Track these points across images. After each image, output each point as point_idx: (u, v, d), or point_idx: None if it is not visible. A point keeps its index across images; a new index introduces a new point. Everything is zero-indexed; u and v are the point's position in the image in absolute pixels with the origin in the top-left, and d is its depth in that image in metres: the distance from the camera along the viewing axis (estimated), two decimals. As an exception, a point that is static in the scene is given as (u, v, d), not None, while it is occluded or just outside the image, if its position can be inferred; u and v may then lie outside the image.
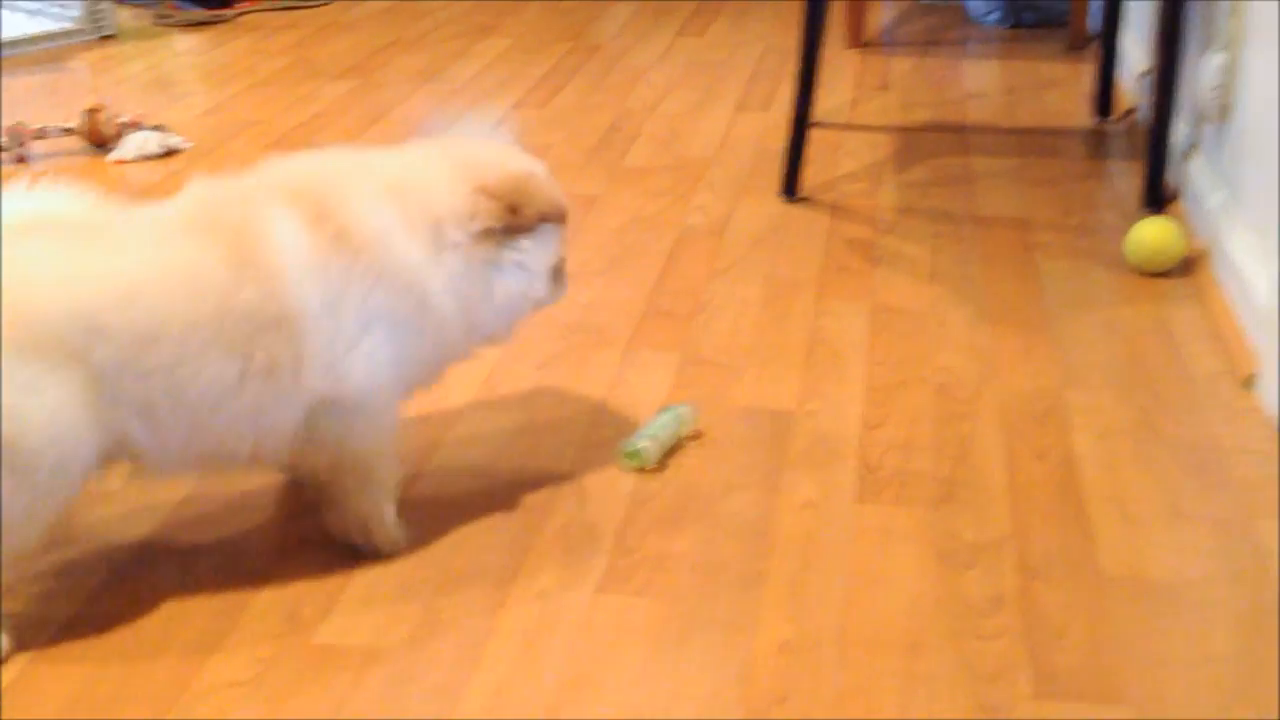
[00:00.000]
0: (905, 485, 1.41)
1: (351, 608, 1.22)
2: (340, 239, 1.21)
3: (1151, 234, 1.88)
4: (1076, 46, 3.04)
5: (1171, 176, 2.12)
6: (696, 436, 1.50)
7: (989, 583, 1.25)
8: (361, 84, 2.91)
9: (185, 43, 3.34)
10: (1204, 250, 1.90)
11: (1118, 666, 1.14)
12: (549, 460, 1.46)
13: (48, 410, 1.11)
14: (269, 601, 1.23)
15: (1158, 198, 2.04)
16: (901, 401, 1.58)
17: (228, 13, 3.53)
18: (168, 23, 3.47)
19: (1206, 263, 1.87)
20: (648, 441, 1.44)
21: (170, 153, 2.45)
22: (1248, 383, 1.58)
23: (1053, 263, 1.94)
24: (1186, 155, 2.09)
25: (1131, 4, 2.67)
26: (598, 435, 1.50)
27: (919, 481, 1.41)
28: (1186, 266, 1.89)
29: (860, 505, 1.38)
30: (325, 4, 3.66)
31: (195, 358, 1.15)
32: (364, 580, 1.26)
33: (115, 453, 1.17)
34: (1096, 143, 2.47)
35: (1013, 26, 3.28)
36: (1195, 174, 2.02)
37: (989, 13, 3.30)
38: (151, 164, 2.41)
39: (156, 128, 2.49)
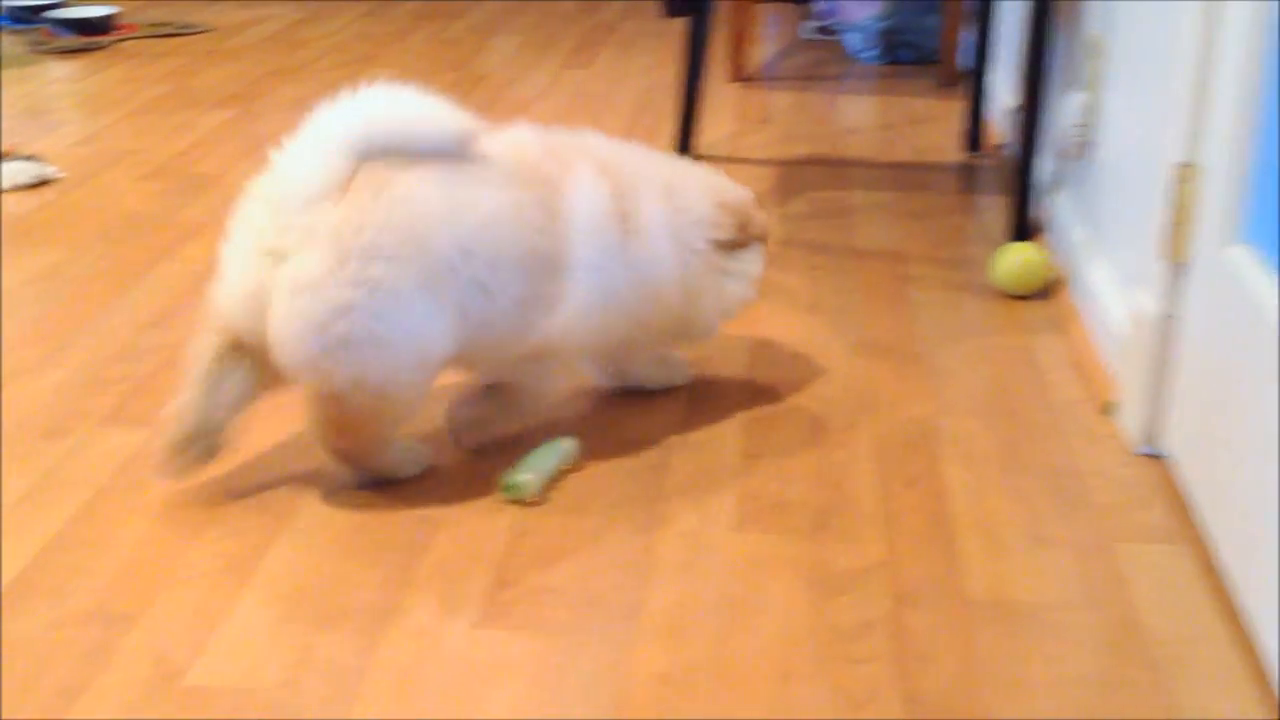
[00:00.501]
0: (782, 514, 1.43)
1: (223, 648, 1.21)
2: (624, 219, 1.47)
3: (1016, 257, 1.96)
4: (949, 83, 3.14)
5: (1037, 210, 2.20)
6: (578, 469, 1.51)
7: (860, 609, 1.28)
8: (241, 113, 2.88)
9: (61, 70, 3.27)
10: (1066, 282, 1.97)
11: (983, 689, 1.17)
12: (428, 495, 1.46)
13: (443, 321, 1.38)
14: (137, 644, 1.21)
15: (1024, 231, 2.11)
16: (780, 431, 1.61)
17: (105, 40, 3.48)
18: (43, 50, 3.40)
19: (1068, 294, 1.94)
20: (529, 474, 1.45)
21: (43, 183, 2.40)
22: (1107, 409, 1.64)
23: (926, 294, 1.99)
24: (1051, 190, 2.17)
25: (1000, 43, 2.76)
26: (479, 469, 1.51)
27: (795, 510, 1.44)
28: (1051, 298, 1.96)
29: (738, 534, 1.40)
30: (205, 32, 3.62)
31: (510, 282, 1.40)
32: (236, 620, 1.25)
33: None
34: (968, 177, 2.54)
35: (889, 63, 3.37)
36: (1059, 208, 2.10)
37: (865, 50, 3.39)
38: (24, 194, 2.36)
39: (29, 157, 2.44)
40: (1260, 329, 1.22)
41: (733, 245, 1.57)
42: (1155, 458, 1.53)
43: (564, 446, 1.50)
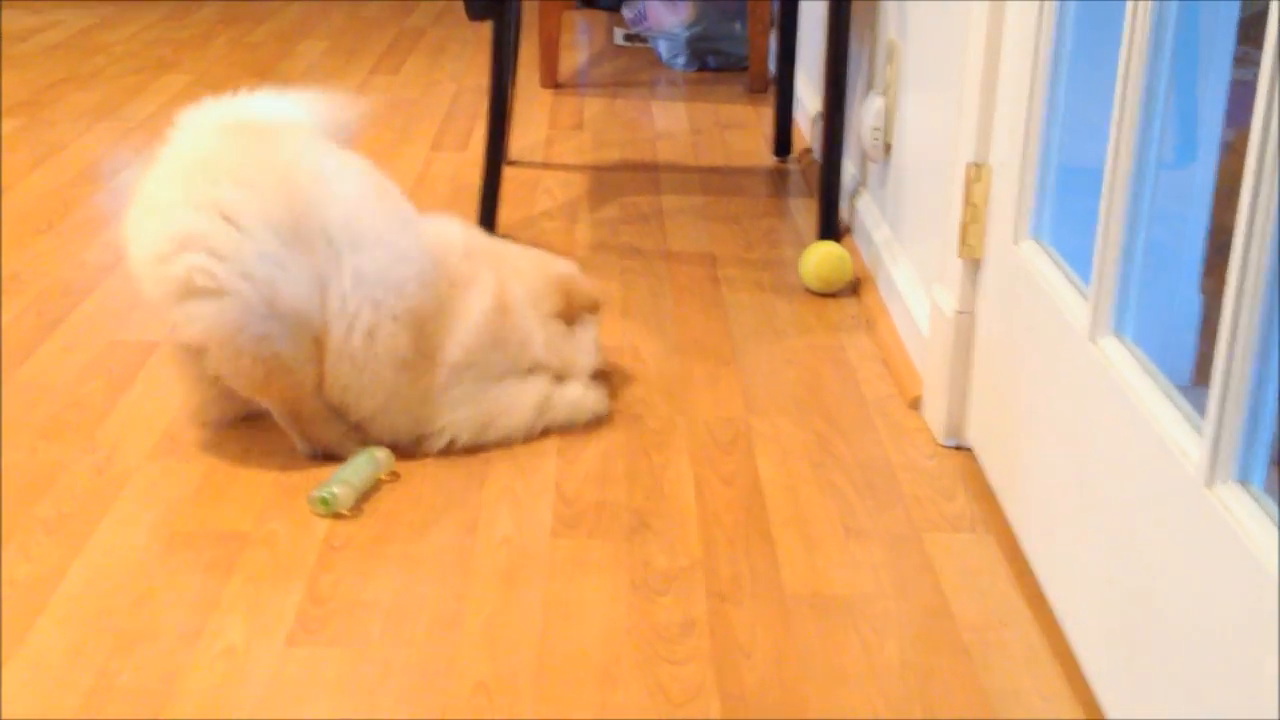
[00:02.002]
0: (600, 518, 1.43)
1: (18, 676, 1.15)
2: (503, 310, 1.56)
3: (821, 255, 2.00)
4: (758, 89, 3.19)
5: (844, 212, 2.25)
6: (394, 478, 1.48)
7: (680, 608, 1.28)
8: (30, 121, 2.75)
9: None
10: (872, 281, 2.02)
11: (800, 682, 1.19)
12: (236, 511, 1.41)
13: None
14: (-78, 679, 1.14)
15: (833, 232, 2.16)
16: (596, 435, 1.60)
17: (-123, 44, 3.28)
18: None
19: (875, 293, 1.99)
20: (340, 486, 1.41)
21: None
22: (914, 404, 1.68)
23: (737, 295, 2.02)
24: (855, 193, 2.23)
25: (805, 48, 2.82)
26: (290, 482, 1.46)
27: (614, 513, 1.44)
28: (859, 296, 2.01)
29: (556, 540, 1.39)
30: (-10, 36, 3.45)
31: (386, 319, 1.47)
32: (31, 647, 1.18)
33: None
34: (777, 181, 2.59)
35: (699, 70, 3.41)
36: (863, 210, 2.15)
37: (675, 56, 3.42)
38: None
39: None
40: (1047, 321, 1.27)
41: (565, 317, 1.63)
42: (960, 449, 1.58)
43: (378, 456, 1.47)
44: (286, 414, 1.49)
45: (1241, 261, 0.87)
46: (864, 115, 2.09)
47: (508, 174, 2.50)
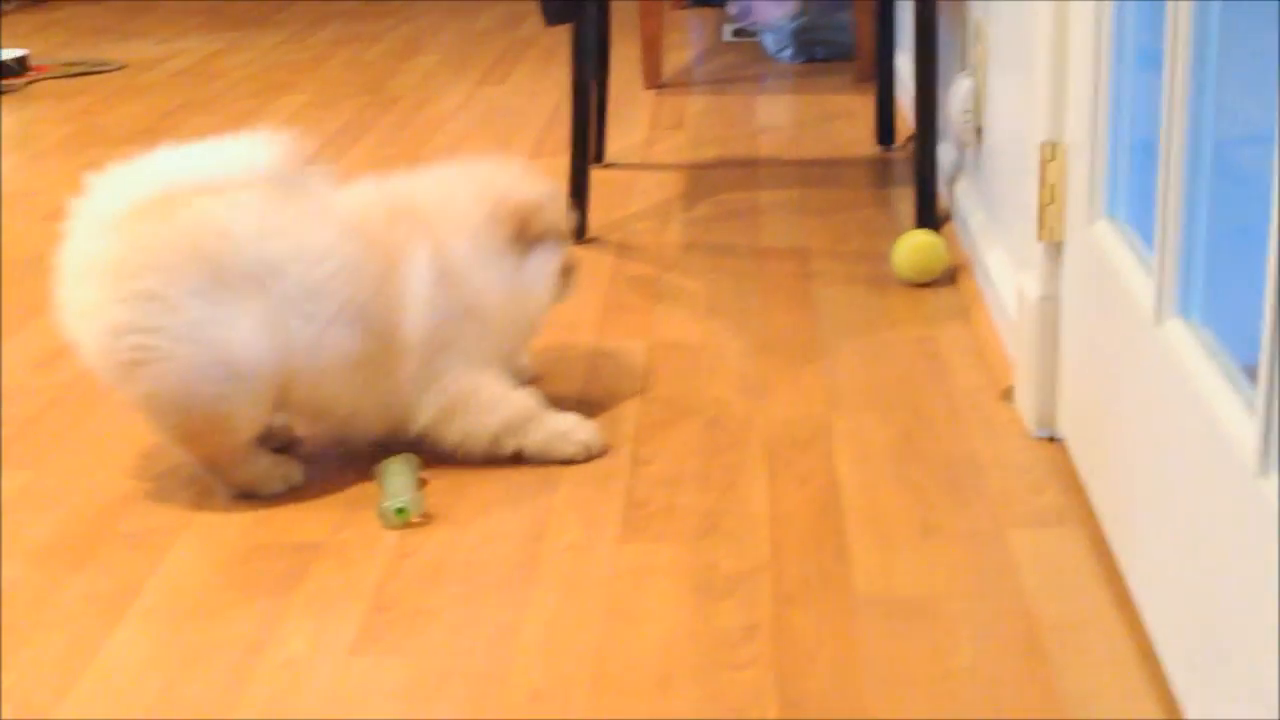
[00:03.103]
0: (669, 521, 1.41)
1: (88, 689, 1.18)
2: (450, 278, 1.49)
3: (913, 244, 1.95)
4: (865, 78, 3.13)
5: (944, 199, 2.19)
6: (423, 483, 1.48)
7: (743, 612, 1.26)
8: (150, 147, 2.83)
9: (-31, 115, 3.23)
10: (969, 269, 1.96)
11: (864, 687, 1.15)
12: (311, 522, 1.43)
13: None
14: (9, 680, 1.18)
15: (931, 220, 2.10)
16: (672, 437, 1.58)
17: (17, 83, 3.44)
18: (-49, 95, 3.36)
19: (971, 281, 1.93)
20: (408, 494, 1.42)
21: (-62, 229, 2.36)
22: (1006, 395, 1.62)
23: (827, 289, 1.98)
24: (954, 178, 2.16)
25: (906, 33, 2.76)
26: (366, 492, 1.48)
27: (682, 516, 1.42)
28: (956, 285, 1.95)
29: (622, 545, 1.38)
30: (118, 69, 3.59)
31: (338, 326, 1.45)
32: (103, 660, 1.22)
33: None
34: (880, 170, 2.54)
35: (806, 61, 3.37)
36: (960, 195, 2.09)
37: (782, 49, 3.38)
38: (-82, 242, 2.32)
39: (-76, 204, 2.40)
40: (1125, 303, 1.21)
41: (519, 246, 1.53)
42: (1052, 440, 1.52)
43: (410, 458, 1.48)
44: (207, 463, 1.46)
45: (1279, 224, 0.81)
46: (954, 98, 2.02)
47: (603, 176, 2.50)
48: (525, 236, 1.54)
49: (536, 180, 1.61)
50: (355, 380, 1.47)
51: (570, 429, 1.53)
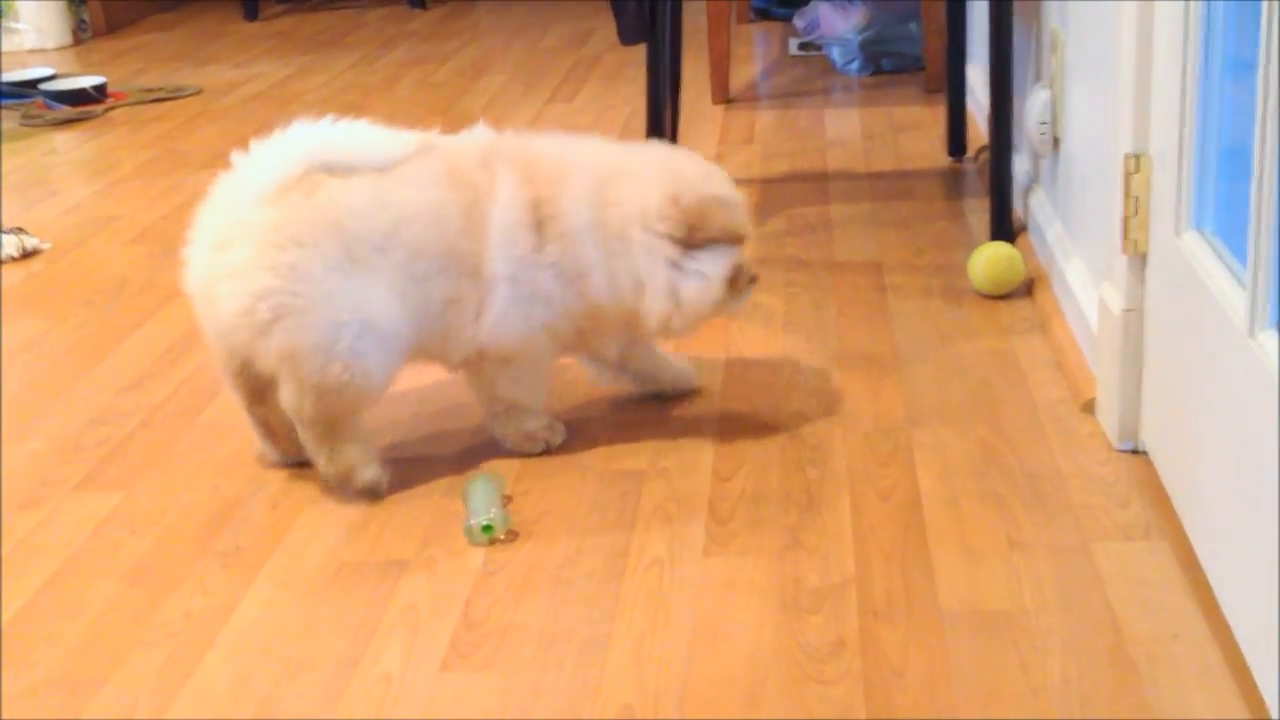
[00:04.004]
0: (753, 535, 1.42)
1: (187, 707, 1.21)
2: (540, 227, 1.53)
3: (989, 256, 1.94)
4: (934, 89, 3.11)
5: (1018, 210, 2.18)
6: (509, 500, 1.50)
7: (830, 627, 1.26)
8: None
9: (53, 142, 3.31)
10: (1046, 281, 1.95)
11: (953, 702, 1.15)
12: (399, 540, 1.45)
13: None
14: (101, 708, 1.21)
15: (1006, 232, 2.09)
16: (752, 452, 1.59)
17: (97, 109, 3.51)
18: (35, 123, 3.44)
19: (1049, 293, 1.92)
20: (495, 510, 1.44)
21: (29, 254, 2.42)
22: (1088, 408, 1.61)
23: (903, 303, 1.97)
24: (1029, 189, 2.15)
25: (976, 44, 2.75)
26: (452, 509, 1.50)
27: (766, 530, 1.42)
28: (1033, 297, 1.94)
29: (708, 559, 1.38)
30: (195, 94, 3.66)
31: (435, 277, 1.51)
32: (201, 677, 1.24)
33: None
34: (951, 182, 2.52)
35: (873, 73, 3.36)
36: (1036, 207, 2.08)
37: (849, 62, 3.38)
38: (10, 267, 2.38)
39: (14, 230, 2.46)
40: (1214, 315, 1.20)
41: (685, 242, 1.52)
42: (1136, 454, 1.51)
43: (494, 476, 1.50)
44: (323, 430, 1.51)
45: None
46: (1030, 108, 2.01)
47: (675, 193, 2.50)
48: (695, 235, 1.52)
49: (724, 181, 1.60)
50: (445, 319, 1.53)
51: (537, 430, 1.62)
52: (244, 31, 4.57)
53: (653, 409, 1.71)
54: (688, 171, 1.58)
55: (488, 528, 1.42)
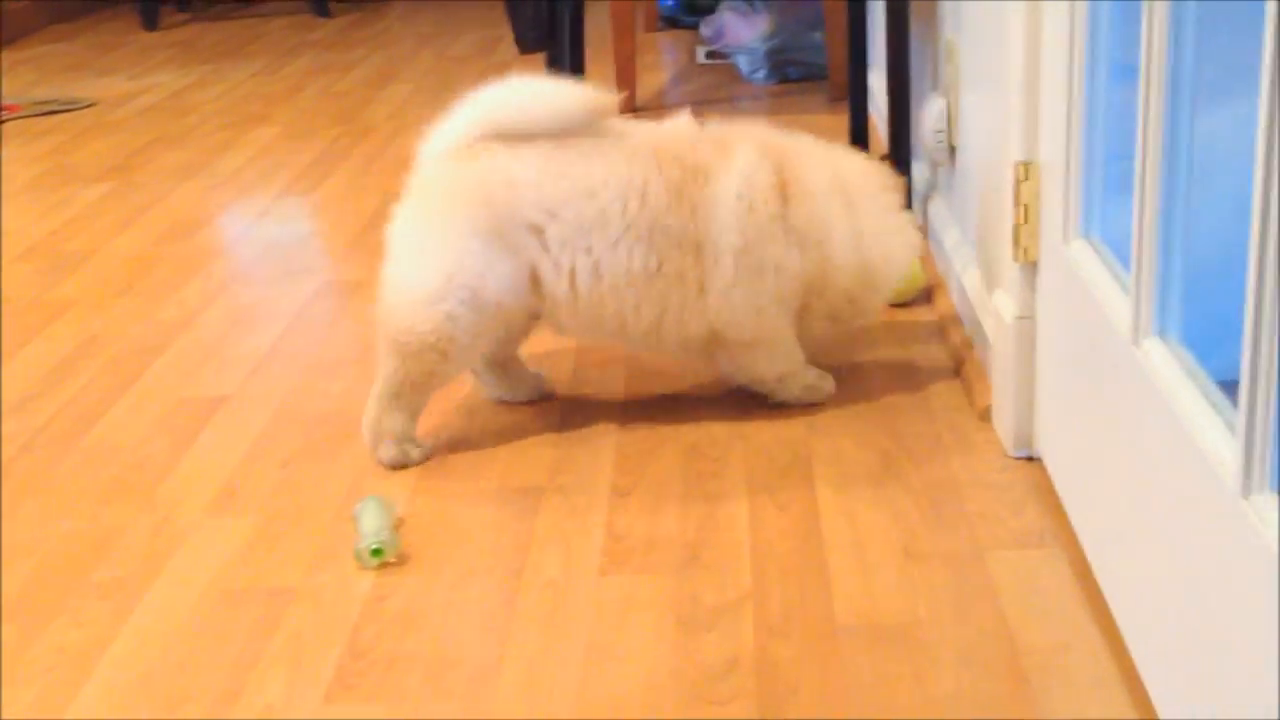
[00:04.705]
0: (650, 552, 1.40)
1: (59, 747, 1.16)
2: (783, 188, 1.59)
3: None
4: (838, 98, 3.12)
5: (918, 218, 2.18)
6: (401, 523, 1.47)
7: (726, 645, 1.24)
8: (120, 184, 2.83)
9: (-61, 156, 3.21)
10: (944, 288, 1.95)
11: (847, 717, 1.13)
12: (284, 566, 1.41)
13: None
14: None
15: (906, 240, 2.09)
16: (652, 464, 1.57)
17: (-12, 121, 3.41)
18: (-79, 136, 3.33)
19: (947, 300, 1.92)
20: (387, 534, 1.40)
21: (-92, 273, 2.34)
22: (985, 415, 1.61)
23: (805, 312, 1.96)
24: (928, 198, 2.16)
25: (878, 52, 2.75)
26: (342, 532, 1.46)
27: (664, 547, 1.40)
28: (931, 305, 1.94)
29: (604, 578, 1.36)
30: (90, 106, 3.57)
31: (620, 250, 1.56)
32: (74, 715, 1.19)
33: None
34: (854, 189, 2.52)
35: (780, 82, 3.36)
36: (934, 215, 2.08)
37: (756, 70, 3.38)
38: (-113, 287, 2.29)
39: (-109, 249, 2.38)
40: (1101, 323, 1.20)
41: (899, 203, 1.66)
42: (1031, 461, 1.51)
43: (384, 499, 1.46)
44: (395, 387, 1.58)
45: (1259, 249, 0.80)
46: (926, 117, 2.02)
47: (578, 203, 2.48)
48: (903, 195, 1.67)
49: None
50: (653, 291, 1.55)
51: (815, 382, 1.69)
52: (143, 41, 4.48)
53: (553, 421, 1.69)
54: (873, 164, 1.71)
55: (377, 551, 1.39)
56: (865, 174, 1.66)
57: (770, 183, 1.57)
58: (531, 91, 1.57)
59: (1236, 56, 1.14)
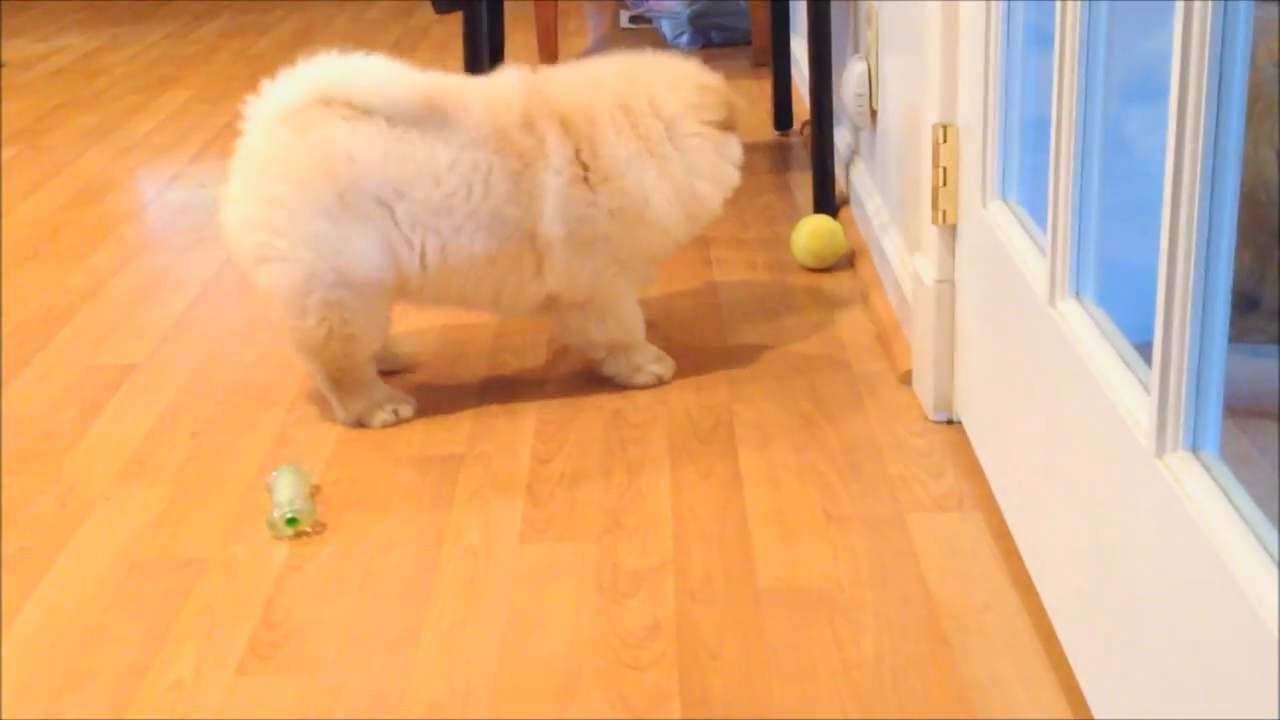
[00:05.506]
0: (571, 519, 1.38)
1: (-40, 725, 1.12)
2: (586, 172, 1.54)
3: (811, 230, 1.94)
4: (762, 63, 3.12)
5: (841, 183, 2.18)
6: (317, 491, 1.44)
7: (647, 611, 1.23)
8: (27, 148, 2.75)
9: None
10: (867, 252, 1.95)
11: (768, 682, 1.13)
12: (197, 537, 1.38)
13: None
14: None
15: (828, 205, 2.09)
16: (574, 432, 1.55)
17: (-114, 83, 3.30)
18: None
19: (870, 265, 1.92)
20: (301, 503, 1.37)
21: None
22: (905, 379, 1.62)
23: (729, 277, 1.96)
24: (850, 162, 2.15)
25: (800, 16, 2.74)
26: (257, 502, 1.43)
27: (585, 513, 1.39)
28: (854, 270, 1.94)
29: (524, 545, 1.34)
30: (-5, 67, 3.46)
31: (468, 235, 1.52)
32: (-22, 692, 1.16)
33: None
34: (777, 155, 2.52)
35: (703, 47, 3.34)
36: (856, 179, 2.08)
37: (679, 35, 3.36)
38: None
39: None
40: (1018, 285, 1.20)
41: (724, 126, 1.60)
42: (951, 424, 1.52)
43: (302, 468, 1.43)
44: (330, 379, 1.56)
45: (1171, 210, 0.80)
46: (847, 81, 2.01)
47: (500, 168, 2.45)
48: (729, 124, 1.60)
49: (719, 77, 1.67)
50: (493, 274, 1.54)
51: (647, 364, 1.65)
52: (49, 3, 4.35)
53: (473, 389, 1.66)
54: (693, 68, 1.66)
55: (292, 520, 1.36)
56: (679, 105, 1.58)
57: (574, 177, 1.53)
58: (369, 74, 1.50)
59: (1150, 21, 1.15)
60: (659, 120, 1.56)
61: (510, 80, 1.58)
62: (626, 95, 1.57)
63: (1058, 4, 1.04)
